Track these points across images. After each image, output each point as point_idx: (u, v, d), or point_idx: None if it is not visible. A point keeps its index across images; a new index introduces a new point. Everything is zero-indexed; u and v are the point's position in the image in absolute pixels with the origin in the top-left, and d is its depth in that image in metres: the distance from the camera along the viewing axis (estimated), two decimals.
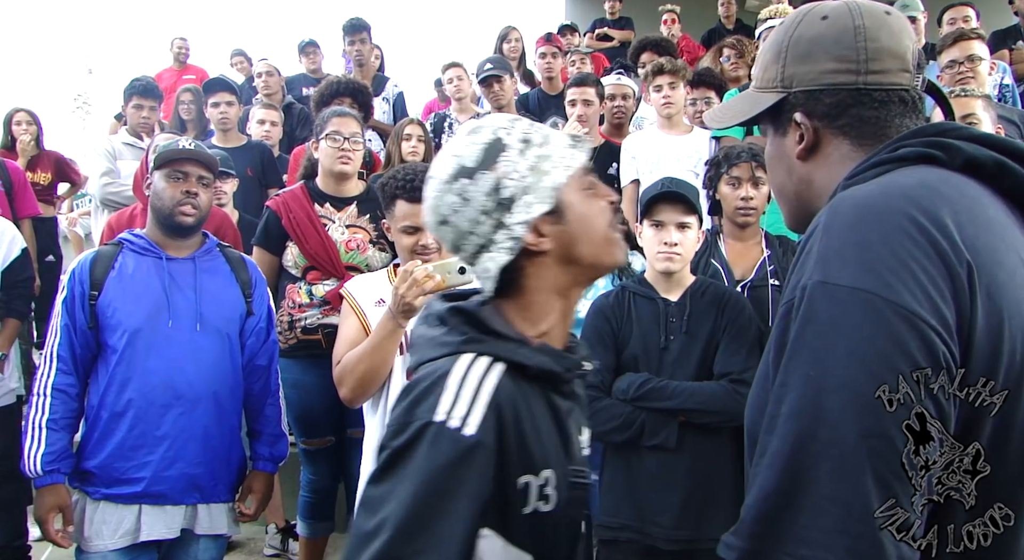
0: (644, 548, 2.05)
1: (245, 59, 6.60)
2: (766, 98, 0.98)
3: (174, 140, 2.25)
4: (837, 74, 0.92)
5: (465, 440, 0.90)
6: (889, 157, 0.87)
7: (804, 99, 0.95)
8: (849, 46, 0.92)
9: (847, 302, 0.73)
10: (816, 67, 0.93)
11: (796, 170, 0.98)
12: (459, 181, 1.02)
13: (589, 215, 1.04)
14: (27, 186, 4.35)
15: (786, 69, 0.96)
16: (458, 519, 0.89)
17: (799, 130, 0.96)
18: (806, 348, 0.74)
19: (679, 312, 2.14)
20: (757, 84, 1.02)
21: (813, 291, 0.76)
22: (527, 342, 1.02)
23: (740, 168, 2.52)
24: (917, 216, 0.75)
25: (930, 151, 0.85)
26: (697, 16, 7.09)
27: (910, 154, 0.86)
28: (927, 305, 0.71)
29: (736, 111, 1.04)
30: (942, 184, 0.81)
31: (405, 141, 3.78)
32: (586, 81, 3.78)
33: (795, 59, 0.95)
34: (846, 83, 0.92)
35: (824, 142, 0.95)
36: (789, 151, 0.98)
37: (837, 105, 0.93)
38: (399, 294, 1.86)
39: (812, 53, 0.94)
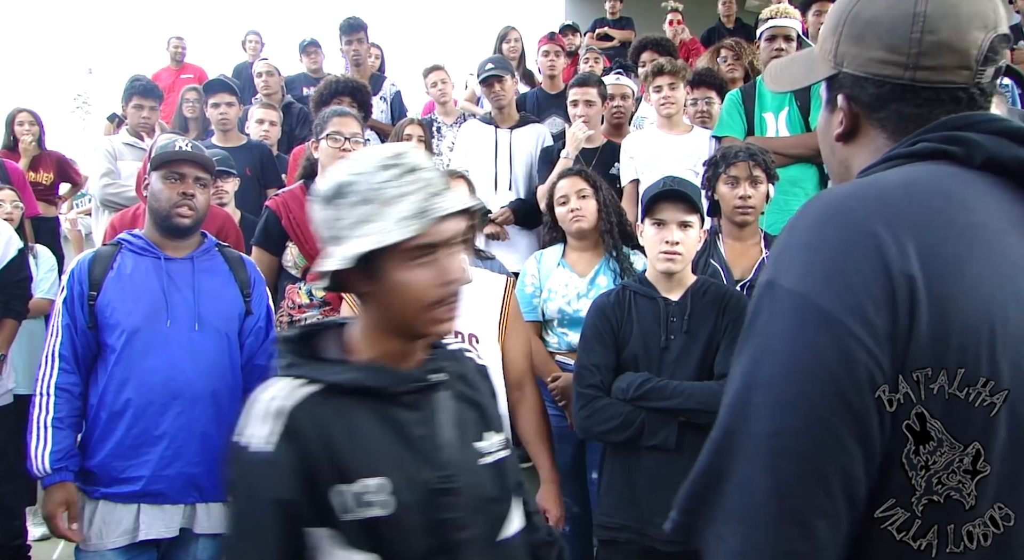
0: (643, 549, 2.04)
1: (259, 39, 6.62)
2: (821, 69, 0.94)
3: (171, 141, 2.25)
4: (884, 65, 0.86)
5: (253, 455, 1.04)
6: (904, 152, 0.84)
7: (850, 82, 0.90)
8: (903, 36, 0.84)
9: (783, 303, 0.75)
10: (865, 53, 0.87)
11: (836, 150, 0.95)
12: (318, 200, 1.14)
13: (405, 285, 1.10)
14: (28, 186, 4.36)
15: (840, 45, 0.90)
16: (264, 525, 1.04)
17: (841, 112, 0.92)
18: (747, 344, 0.78)
19: (680, 312, 2.14)
20: (818, 50, 0.96)
21: (762, 289, 0.79)
22: (346, 362, 1.14)
23: (738, 167, 2.52)
24: (872, 223, 0.74)
25: (946, 147, 0.81)
26: (697, 16, 7.09)
27: (925, 150, 0.82)
28: (854, 314, 0.71)
29: (793, 75, 1.01)
30: (929, 185, 0.78)
31: (405, 141, 3.78)
32: (588, 81, 3.78)
33: (848, 38, 0.89)
34: (892, 76, 0.86)
35: (863, 130, 0.91)
36: (832, 130, 0.94)
37: (880, 97, 0.88)
38: None
39: (864, 36, 0.87)
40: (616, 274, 2.66)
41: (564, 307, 2.66)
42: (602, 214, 2.70)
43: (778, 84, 1.04)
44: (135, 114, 4.33)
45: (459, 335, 2.04)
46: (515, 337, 2.15)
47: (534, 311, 2.72)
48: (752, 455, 0.73)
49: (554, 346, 2.72)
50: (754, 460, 0.73)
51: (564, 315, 2.68)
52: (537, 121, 4.16)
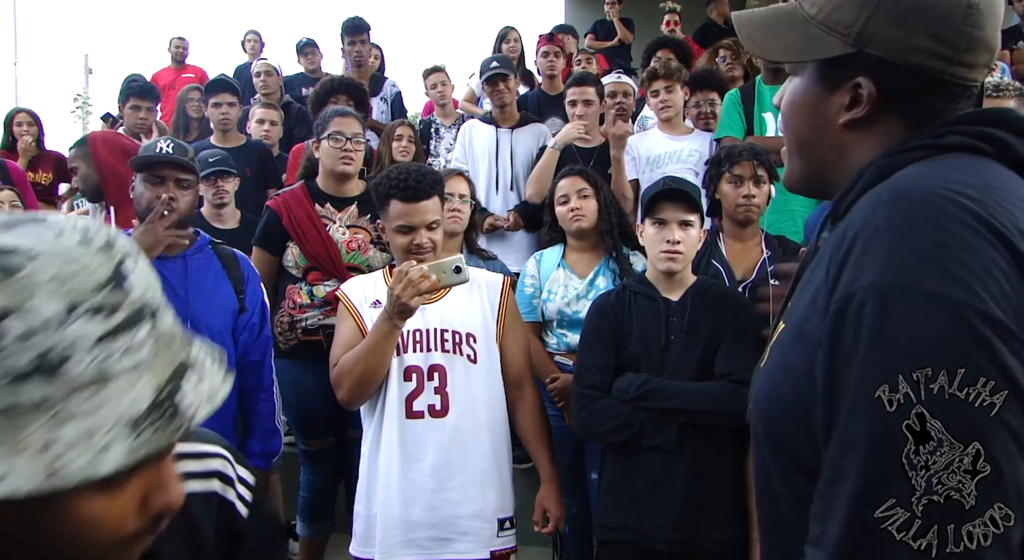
0: (643, 549, 2.04)
1: (258, 39, 6.64)
2: (830, 44, 0.82)
3: (153, 143, 2.29)
4: (928, 56, 0.79)
5: None
6: (934, 143, 0.79)
7: (877, 67, 0.80)
8: (955, 28, 0.78)
9: (931, 310, 0.67)
10: (909, 39, 0.79)
11: (831, 135, 0.86)
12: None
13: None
14: (28, 186, 4.36)
15: (870, 23, 0.80)
16: None
17: (853, 95, 0.83)
18: (881, 360, 0.68)
19: (680, 311, 2.14)
20: (819, 15, 0.84)
21: (889, 294, 0.68)
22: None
23: (742, 166, 2.52)
24: (987, 217, 0.69)
25: (979, 143, 0.77)
26: (697, 16, 7.08)
27: (956, 143, 0.78)
28: (1010, 312, 0.67)
29: (787, 46, 0.87)
30: (997, 182, 0.75)
31: (396, 141, 3.80)
32: (586, 80, 3.78)
33: (887, 18, 0.79)
34: (933, 69, 0.79)
35: (879, 119, 0.82)
36: (830, 112, 0.85)
37: (913, 89, 0.80)
38: (394, 295, 1.86)
39: (910, 20, 0.78)
40: (616, 275, 2.66)
41: (563, 308, 2.67)
42: (602, 214, 2.70)
43: (768, 51, 0.90)
44: (132, 115, 4.34)
45: (456, 335, 2.05)
46: (513, 337, 2.15)
47: (534, 312, 2.72)
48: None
49: (553, 347, 2.72)
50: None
51: (563, 316, 2.68)
52: (538, 121, 4.17)
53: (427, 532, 1.95)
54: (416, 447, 1.98)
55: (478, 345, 2.06)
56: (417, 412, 1.99)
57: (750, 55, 4.33)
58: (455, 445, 1.99)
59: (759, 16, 0.91)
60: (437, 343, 2.03)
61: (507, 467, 2.09)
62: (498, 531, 2.01)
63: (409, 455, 1.98)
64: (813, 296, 0.79)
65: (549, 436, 2.18)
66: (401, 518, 1.95)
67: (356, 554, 2.04)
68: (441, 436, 1.98)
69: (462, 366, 2.03)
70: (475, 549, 1.98)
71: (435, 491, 1.96)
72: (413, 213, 2.05)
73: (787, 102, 0.90)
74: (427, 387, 2.00)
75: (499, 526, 2.02)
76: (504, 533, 2.02)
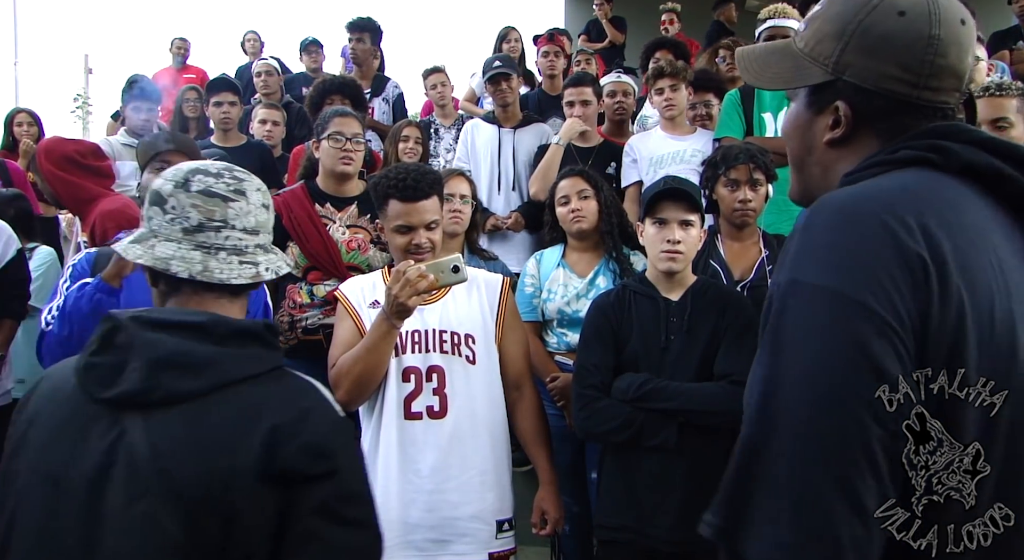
0: (643, 549, 2.04)
1: (257, 39, 6.68)
2: (813, 72, 0.94)
3: (155, 136, 2.31)
4: (895, 82, 0.89)
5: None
6: (888, 159, 0.88)
7: (853, 92, 0.91)
8: (917, 57, 0.88)
9: (814, 299, 0.77)
10: (878, 67, 0.89)
11: (818, 153, 0.96)
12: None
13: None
14: (28, 186, 4.36)
15: (844, 54, 0.91)
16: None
17: (834, 117, 0.93)
18: (775, 341, 0.79)
19: (680, 311, 2.14)
20: (805, 48, 0.96)
21: (786, 288, 0.80)
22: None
23: (738, 170, 2.51)
24: (889, 221, 0.77)
25: (927, 154, 0.86)
26: (698, 17, 7.08)
27: (908, 156, 0.87)
28: (887, 305, 0.74)
29: (777, 75, 0.99)
30: (924, 188, 0.83)
31: (402, 142, 3.78)
32: (583, 81, 3.79)
33: (858, 49, 0.90)
34: (900, 93, 0.89)
35: (857, 138, 0.92)
36: (817, 132, 0.96)
37: (885, 110, 0.90)
38: (392, 294, 1.85)
39: (878, 51, 0.89)
40: (616, 275, 2.66)
41: (563, 307, 2.66)
42: (603, 214, 2.70)
43: (761, 81, 1.02)
44: (134, 116, 4.33)
45: (455, 336, 2.05)
46: (513, 337, 2.15)
47: (534, 311, 2.72)
48: (798, 451, 0.74)
49: (553, 346, 2.72)
50: (801, 456, 0.73)
51: (563, 315, 2.67)
52: (541, 120, 4.16)
53: (426, 533, 1.95)
54: (415, 448, 1.98)
55: (477, 346, 2.06)
56: (416, 413, 1.99)
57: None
58: (454, 446, 1.98)
59: (757, 51, 1.05)
60: (436, 344, 2.03)
61: (506, 468, 2.09)
62: (497, 532, 2.01)
63: (408, 456, 1.97)
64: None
65: (548, 437, 2.18)
66: (400, 519, 1.94)
67: None
68: (440, 437, 1.98)
69: (461, 367, 2.03)
70: (474, 551, 1.97)
71: (434, 492, 1.96)
72: (412, 213, 2.04)
73: (786, 123, 1.02)
74: (426, 388, 2.00)
75: (498, 527, 2.01)
76: (503, 535, 2.02)
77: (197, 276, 1.08)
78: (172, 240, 1.10)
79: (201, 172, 1.13)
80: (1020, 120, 2.56)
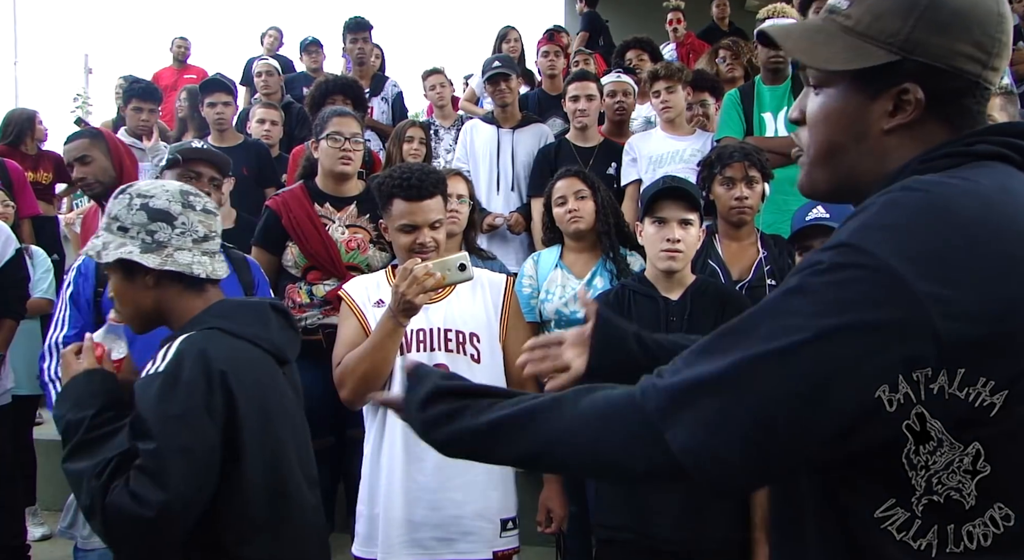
0: (643, 549, 2.04)
1: (278, 36, 6.73)
2: (874, 52, 0.85)
3: (187, 142, 2.29)
4: (968, 61, 0.84)
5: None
6: (965, 150, 0.83)
7: (922, 72, 0.84)
8: (990, 35, 0.84)
9: (871, 272, 0.72)
10: (952, 45, 0.83)
11: (871, 140, 0.88)
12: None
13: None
14: (27, 186, 4.35)
15: (915, 31, 0.84)
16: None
17: (896, 101, 0.86)
18: (806, 291, 0.75)
19: (680, 311, 2.14)
20: (858, 27, 0.87)
21: (848, 247, 0.75)
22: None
23: (733, 168, 2.52)
24: (992, 225, 0.73)
25: (1007, 152, 0.82)
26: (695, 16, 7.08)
27: (987, 151, 0.82)
28: (947, 310, 0.69)
29: (833, 56, 0.88)
30: (1019, 186, 0.79)
31: (407, 143, 3.78)
32: (587, 76, 3.78)
33: (931, 25, 0.83)
34: (971, 73, 0.84)
35: (921, 123, 0.86)
36: (872, 117, 0.87)
37: (956, 91, 0.85)
38: (399, 292, 1.85)
39: (952, 27, 0.83)
40: (613, 275, 2.66)
41: (561, 308, 2.67)
42: (600, 215, 2.70)
43: (816, 60, 0.90)
44: (134, 116, 4.34)
45: (460, 334, 2.05)
46: (516, 336, 2.15)
47: (532, 312, 2.72)
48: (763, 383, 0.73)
49: None
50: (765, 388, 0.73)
51: (561, 316, 2.68)
52: (540, 121, 4.16)
53: (430, 532, 1.95)
54: (419, 447, 1.96)
55: (481, 345, 2.06)
56: None
57: (750, 55, 4.33)
58: None
59: (796, 30, 0.95)
60: (440, 343, 2.03)
61: (510, 467, 2.09)
62: (501, 531, 2.01)
63: (412, 455, 1.97)
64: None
65: None
66: (404, 518, 1.95)
67: (358, 554, 2.04)
68: None
69: (465, 366, 2.03)
70: (478, 549, 1.97)
71: (438, 491, 1.96)
72: (416, 212, 2.05)
73: (819, 112, 0.92)
74: None
75: (502, 526, 2.02)
76: (507, 533, 2.02)
77: (211, 275, 1.45)
78: (184, 249, 1.42)
79: (193, 194, 1.48)
80: (1004, 118, 2.58)
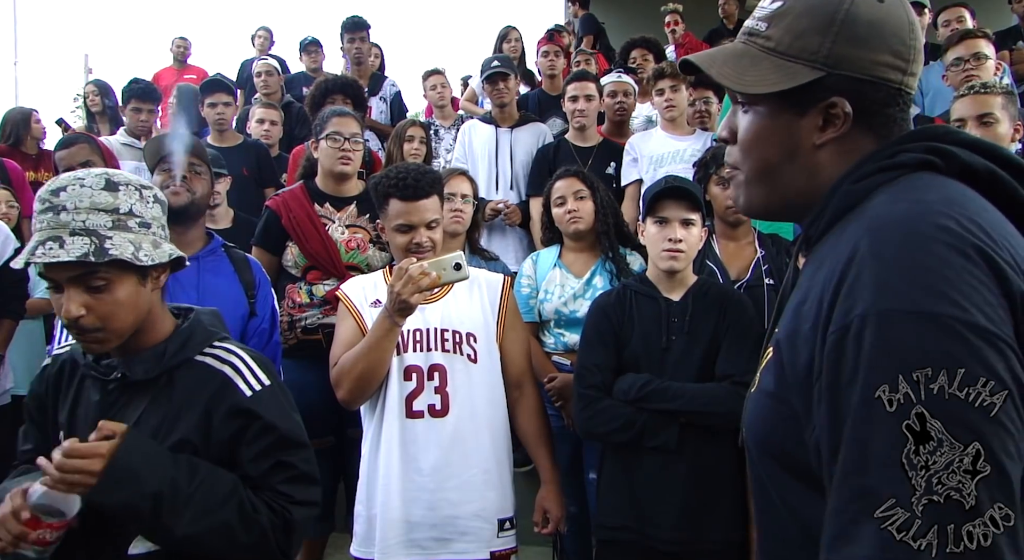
0: (643, 549, 2.04)
1: (268, 36, 6.71)
2: (800, 71, 0.87)
3: (161, 136, 2.32)
4: (889, 69, 0.86)
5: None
6: (891, 163, 0.84)
7: (847, 86, 0.86)
8: (905, 43, 0.87)
9: (923, 327, 0.70)
10: (871, 56, 0.86)
11: (803, 156, 0.90)
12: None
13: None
14: (27, 186, 4.36)
15: (835, 47, 0.86)
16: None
17: (824, 116, 0.88)
18: (881, 374, 0.71)
19: (681, 312, 2.14)
20: (779, 47, 0.89)
21: (882, 318, 0.72)
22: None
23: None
24: (961, 233, 0.74)
25: (929, 158, 0.83)
26: (698, 16, 7.08)
27: (910, 160, 0.84)
28: (995, 318, 0.71)
29: (760, 78, 0.89)
30: (963, 198, 0.80)
31: (407, 143, 3.77)
32: (586, 76, 3.78)
33: (849, 38, 0.86)
34: (892, 81, 0.86)
35: (850, 136, 0.88)
36: (802, 134, 0.89)
37: (879, 101, 0.87)
38: (395, 291, 1.86)
39: (870, 39, 0.86)
40: (612, 275, 2.66)
41: (560, 308, 2.66)
42: (599, 215, 2.70)
43: (743, 85, 0.91)
44: (134, 117, 4.34)
45: (456, 334, 2.05)
46: (514, 337, 2.15)
47: (531, 312, 2.72)
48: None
49: (551, 346, 2.72)
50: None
51: (560, 316, 2.67)
52: (538, 120, 4.16)
53: (427, 532, 1.95)
54: (416, 447, 1.98)
55: (478, 345, 2.06)
56: (417, 412, 1.99)
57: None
58: (455, 445, 1.98)
59: (720, 56, 0.95)
60: (437, 342, 2.03)
61: (507, 467, 2.09)
62: (498, 531, 2.01)
63: (409, 455, 1.97)
64: (797, 325, 0.82)
65: (550, 436, 2.18)
66: (401, 518, 1.95)
67: (357, 554, 2.04)
68: (441, 436, 1.98)
69: (462, 366, 2.03)
70: (475, 549, 1.97)
71: (435, 491, 1.96)
72: (412, 212, 2.05)
73: (751, 132, 0.93)
74: (427, 387, 2.00)
75: (499, 526, 2.01)
76: (504, 533, 2.02)
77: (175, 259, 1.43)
78: (165, 239, 1.43)
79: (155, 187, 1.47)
80: (1006, 117, 2.58)
